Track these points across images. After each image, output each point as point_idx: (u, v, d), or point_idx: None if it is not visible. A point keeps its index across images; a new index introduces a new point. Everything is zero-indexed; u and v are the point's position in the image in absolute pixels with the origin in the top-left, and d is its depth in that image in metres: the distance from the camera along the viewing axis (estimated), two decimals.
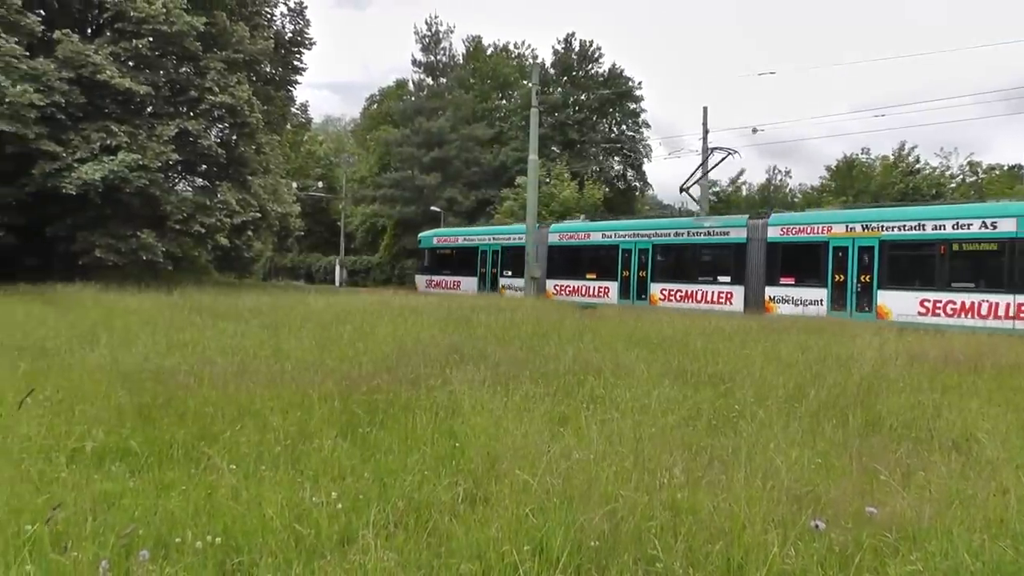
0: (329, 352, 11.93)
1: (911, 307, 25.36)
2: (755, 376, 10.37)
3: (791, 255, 29.33)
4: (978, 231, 24.51)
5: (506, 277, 41.05)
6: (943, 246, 25.18)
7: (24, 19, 30.00)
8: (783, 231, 29.67)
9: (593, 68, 70.95)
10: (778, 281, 29.37)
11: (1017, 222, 23.67)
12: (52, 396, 7.78)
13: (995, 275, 24.08)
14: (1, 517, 4.55)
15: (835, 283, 27.70)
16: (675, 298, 32.63)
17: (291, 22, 42.76)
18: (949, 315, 24.44)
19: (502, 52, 79.90)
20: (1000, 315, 23.44)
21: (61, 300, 21.87)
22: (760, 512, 4.73)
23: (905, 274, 26.41)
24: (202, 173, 39.44)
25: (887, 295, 26.24)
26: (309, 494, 5.10)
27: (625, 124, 72.17)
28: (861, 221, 27.70)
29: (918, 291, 25.50)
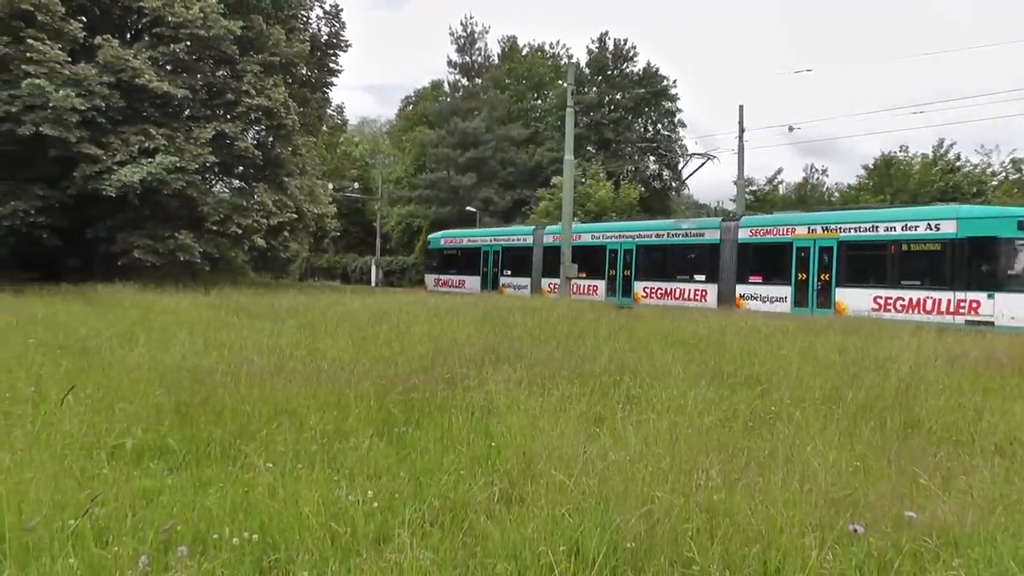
0: (365, 352, 11.97)
1: (865, 304, 26.95)
2: (792, 377, 10.25)
3: (759, 255, 31.25)
4: (924, 232, 26.26)
5: (506, 276, 43.09)
6: (893, 246, 26.95)
7: (67, 26, 30.48)
8: (752, 232, 31.66)
9: (628, 67, 70.58)
10: (747, 280, 31.27)
11: (958, 224, 25.34)
12: (93, 394, 7.88)
13: (938, 273, 25.73)
14: (46, 511, 4.62)
15: (798, 281, 29.46)
16: (656, 295, 34.66)
17: (327, 24, 43.02)
18: (899, 311, 26.11)
19: (537, 52, 79.80)
20: (943, 311, 25.13)
21: (101, 300, 22.13)
22: (797, 515, 4.68)
23: (860, 273, 28.09)
24: (239, 175, 39.81)
25: (844, 292, 27.96)
26: (345, 492, 5.13)
27: (661, 123, 71.73)
28: (821, 223, 29.56)
29: (871, 288, 27.25)
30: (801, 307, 28.82)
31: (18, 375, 8.94)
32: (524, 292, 39.92)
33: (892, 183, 48.92)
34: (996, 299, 24.11)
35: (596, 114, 68.11)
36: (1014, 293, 23.79)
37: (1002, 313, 23.90)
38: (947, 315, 24.86)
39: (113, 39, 31.53)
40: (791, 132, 51.97)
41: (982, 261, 24.83)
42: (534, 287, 40.83)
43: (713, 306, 30.89)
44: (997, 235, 24.55)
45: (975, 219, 25.46)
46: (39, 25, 29.67)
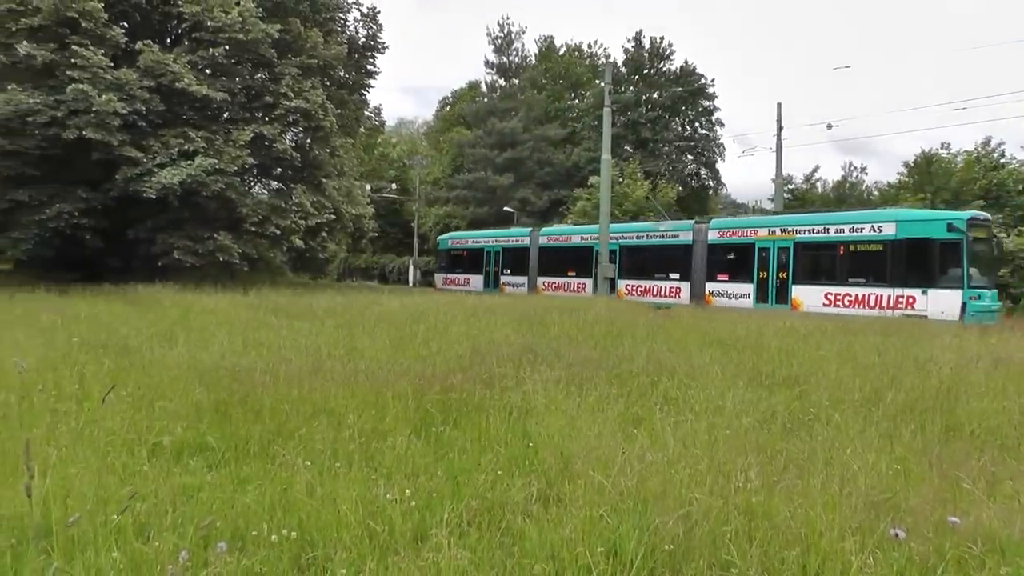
0: (403, 351, 12.01)
1: (818, 299, 29.66)
2: (830, 378, 10.14)
3: (726, 255, 34.29)
4: (867, 234, 29.13)
5: (506, 275, 46.37)
6: (842, 247, 29.83)
7: (109, 32, 30.96)
8: (720, 234, 34.77)
9: (665, 65, 70.21)
10: (716, 278, 34.34)
11: (896, 226, 28.27)
12: (134, 392, 7.99)
13: (880, 271, 28.51)
14: (89, 506, 4.69)
15: (760, 279, 32.38)
16: (636, 292, 37.68)
17: (364, 27, 43.13)
18: (847, 306, 28.76)
19: (574, 52, 79.69)
20: (884, 306, 27.64)
21: (142, 300, 22.39)
22: (837, 518, 4.63)
23: (813, 271, 30.95)
24: (277, 176, 40.08)
25: (800, 289, 30.73)
26: (383, 491, 5.15)
27: (698, 122, 71.32)
28: (780, 225, 32.54)
29: (823, 285, 30.03)
30: (762, 303, 31.58)
31: (63, 373, 9.08)
32: (522, 290, 43.10)
33: (933, 181, 48.19)
34: (929, 295, 26.77)
35: (633, 113, 67.82)
36: (944, 289, 26.44)
37: (934, 307, 26.38)
38: (887, 310, 27.23)
39: (153, 44, 31.94)
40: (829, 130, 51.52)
41: (917, 260, 27.43)
42: (530, 286, 43.79)
43: (686, 302, 33.79)
44: (930, 236, 27.23)
45: (911, 222, 28.36)
46: (83, 31, 30.19)
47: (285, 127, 36.21)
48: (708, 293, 34.27)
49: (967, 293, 25.99)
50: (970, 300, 25.98)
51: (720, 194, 77.86)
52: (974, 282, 26.47)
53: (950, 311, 25.69)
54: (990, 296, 26.84)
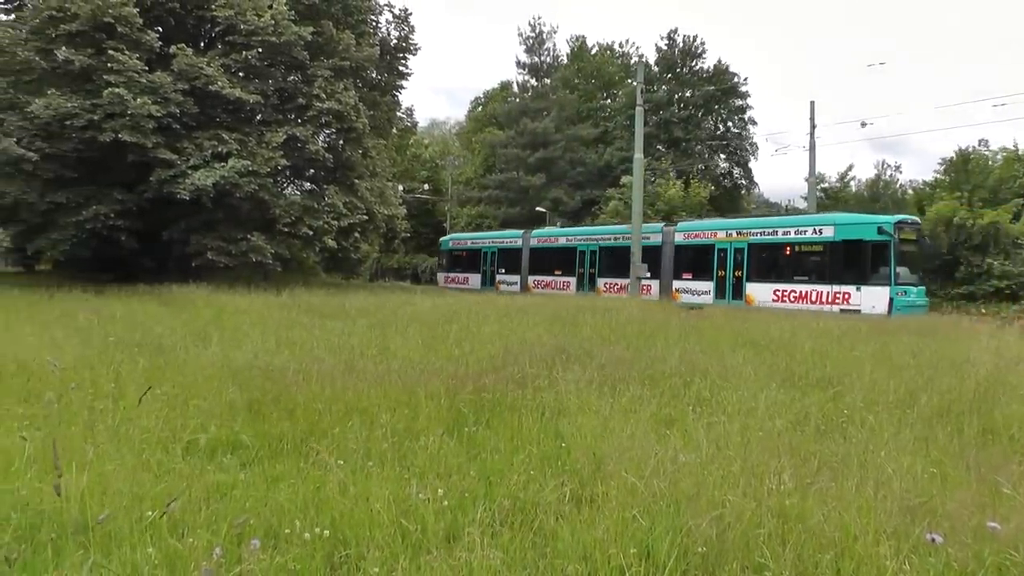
0: (435, 351, 12.05)
1: (768, 295, 32.63)
2: (864, 380, 10.04)
3: (689, 255, 37.37)
4: (810, 236, 32.18)
5: (501, 274, 49.43)
6: (788, 248, 32.99)
7: (144, 36, 31.33)
8: (685, 236, 37.96)
9: (697, 64, 69.77)
10: (681, 276, 37.47)
11: (835, 229, 31.35)
12: (168, 391, 8.08)
13: (821, 270, 31.46)
14: (125, 503, 4.75)
15: (718, 277, 35.47)
16: (613, 290, 40.27)
17: (396, 28, 43.19)
18: (792, 302, 31.58)
19: (606, 51, 79.55)
20: (824, 301, 30.48)
21: (176, 300, 22.62)
22: (872, 522, 4.59)
23: (764, 270, 33.93)
24: (310, 177, 40.30)
25: (752, 286, 33.76)
26: (415, 490, 5.16)
27: (731, 121, 70.89)
28: (736, 228, 35.81)
29: (772, 283, 32.99)
30: (720, 299, 34.51)
31: (99, 372, 9.22)
32: (515, 288, 45.93)
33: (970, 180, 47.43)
34: (862, 291, 29.62)
35: (666, 112, 67.52)
36: (875, 286, 29.32)
37: (866, 303, 29.27)
38: (827, 305, 30.09)
39: (187, 48, 32.22)
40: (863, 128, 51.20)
41: (851, 260, 30.40)
42: (522, 284, 46.88)
43: (656, 298, 36.23)
44: (863, 238, 30.17)
45: (847, 225, 31.32)
46: (119, 36, 30.56)
47: (318, 128, 36.38)
48: (675, 290, 37.31)
49: (894, 289, 29.05)
50: (897, 296, 28.91)
51: (753, 193, 77.31)
52: (901, 279, 29.58)
53: (880, 306, 28.67)
54: (916, 292, 29.94)
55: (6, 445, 6.07)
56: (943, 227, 38.68)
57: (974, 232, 37.82)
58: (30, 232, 34.75)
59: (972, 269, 37.84)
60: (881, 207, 51.33)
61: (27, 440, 5.85)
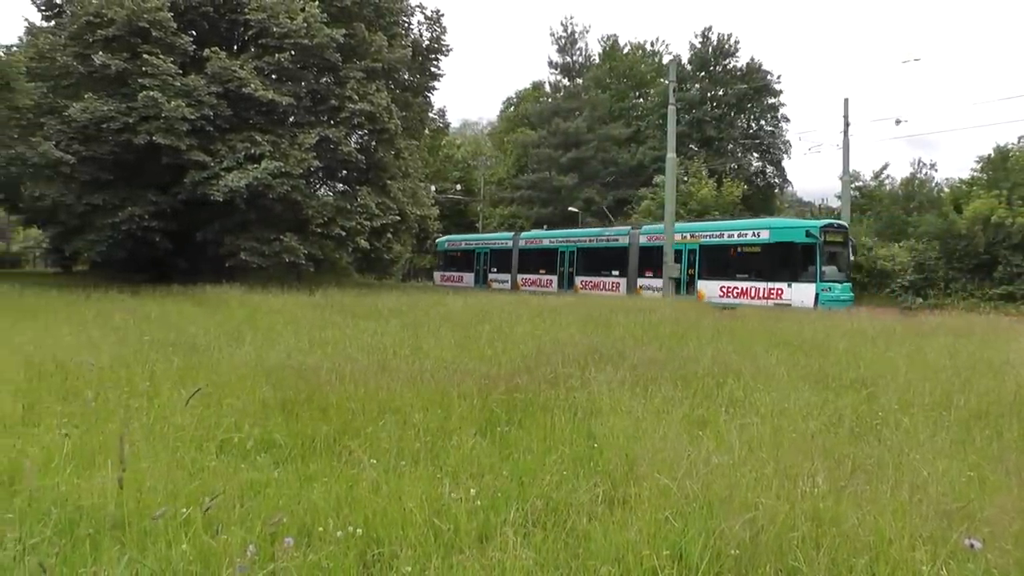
0: (468, 351, 12.06)
1: (715, 291, 36.07)
2: (899, 381, 9.90)
3: (651, 255, 40.14)
4: (750, 238, 35.65)
5: (493, 273, 52.82)
6: (732, 249, 36.75)
7: (178, 40, 31.82)
8: (648, 238, 41.41)
9: (730, 62, 69.37)
10: (644, 274, 40.91)
11: (770, 232, 34.95)
12: (203, 390, 8.14)
13: (758, 269, 34.73)
14: (160, 500, 4.80)
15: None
16: (588, 287, 43.96)
17: (428, 30, 43.37)
18: (735, 297, 34.76)
19: (638, 50, 79.29)
20: (761, 297, 33.84)
21: (209, 300, 22.82)
22: (907, 526, 4.52)
23: (712, 268, 37.37)
24: (342, 178, 40.57)
25: (703, 283, 37.36)
26: (448, 490, 5.17)
27: (764, 119, 70.41)
28: (689, 231, 39.13)
29: (719, 280, 36.51)
30: (676, 294, 36.44)
31: (135, 371, 9.33)
32: (506, 286, 49.37)
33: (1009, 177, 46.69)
34: (792, 287, 32.99)
35: (698, 111, 67.18)
36: (803, 283, 32.66)
37: (796, 297, 32.50)
38: (763, 300, 33.43)
39: (221, 51, 32.60)
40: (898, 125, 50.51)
41: (783, 260, 33.84)
42: (512, 282, 50.21)
43: (623, 294, 39.71)
44: (793, 241, 33.63)
45: (781, 228, 35.16)
46: (154, 41, 31.06)
47: (350, 130, 36.61)
48: (639, 287, 40.77)
49: (820, 286, 32.32)
50: (822, 291, 32.16)
51: (786, 192, 76.74)
52: (827, 277, 32.82)
53: (807, 300, 31.93)
54: (840, 288, 33.09)
55: (46, 442, 6.17)
56: (981, 226, 38.19)
57: (1013, 231, 37.33)
58: (68, 233, 35.45)
59: (1011, 269, 37.37)
60: (916, 206, 50.75)
61: (68, 437, 5.96)
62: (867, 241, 42.73)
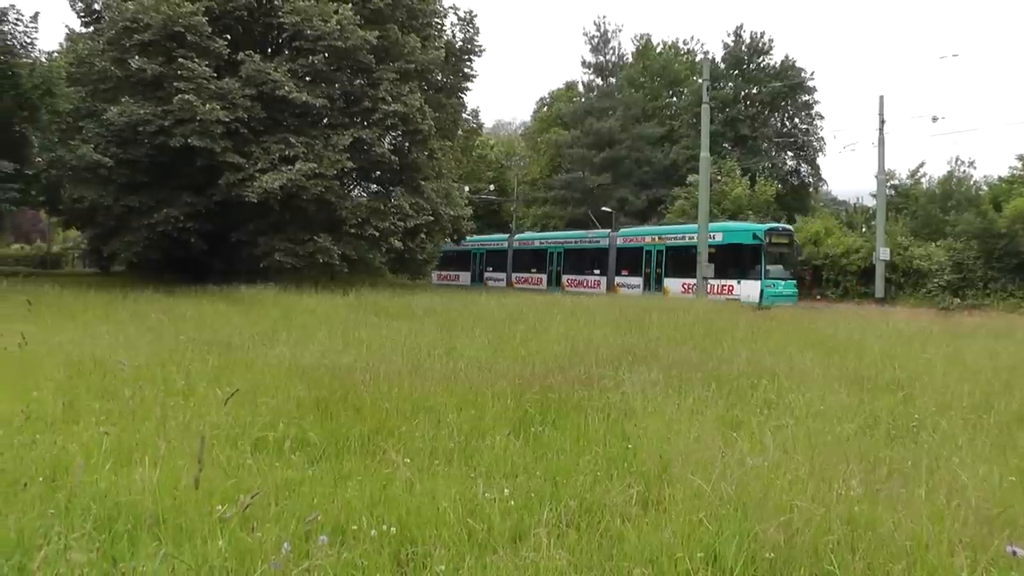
0: (502, 351, 12.10)
1: (678, 288, 39.68)
2: (936, 383, 9.78)
3: (627, 256, 44.78)
4: (710, 240, 37.61)
5: (489, 272, 56.26)
6: (693, 250, 38.47)
7: (213, 44, 32.10)
8: (624, 240, 45.64)
9: (764, 60, 68.67)
10: (621, 273, 44.79)
11: (723, 235, 38.81)
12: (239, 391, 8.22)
13: (719, 267, 37.17)
14: (196, 497, 4.85)
15: (645, 274, 43.13)
16: (573, 285, 47.16)
17: (461, 31, 43.35)
18: (695, 293, 36.60)
19: (671, 49, 78.86)
20: (715, 292, 36.78)
21: (244, 300, 23.02)
22: (945, 532, 4.46)
23: (676, 267, 41.13)
24: (376, 179, 40.71)
25: (668, 280, 41.22)
26: (482, 490, 5.19)
27: (798, 117, 69.77)
28: (657, 234, 44.15)
29: (681, 278, 40.05)
30: (647, 291, 41.54)
31: (170, 369, 9.44)
32: (501, 284, 52.49)
33: None
34: (741, 283, 37.02)
35: (732, 110, 66.67)
36: (750, 280, 36.63)
37: (743, 293, 36.15)
38: (720, 295, 36.40)
39: (255, 54, 32.88)
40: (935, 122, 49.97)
41: (733, 259, 38.03)
42: (508, 281, 53.53)
43: (603, 292, 43.43)
44: (742, 242, 37.86)
45: (731, 231, 39.42)
46: (189, 45, 31.40)
47: (384, 131, 36.67)
48: (616, 285, 44.48)
49: (764, 283, 36.17)
50: (767, 288, 35.87)
51: (820, 191, 75.96)
52: (771, 275, 36.78)
53: (753, 295, 35.29)
54: (784, 285, 36.85)
55: (85, 439, 6.25)
56: (1021, 224, 37.56)
57: None
58: (105, 235, 36.03)
59: None
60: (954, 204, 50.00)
61: (107, 435, 6.04)
62: (903, 240, 42.15)
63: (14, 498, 4.77)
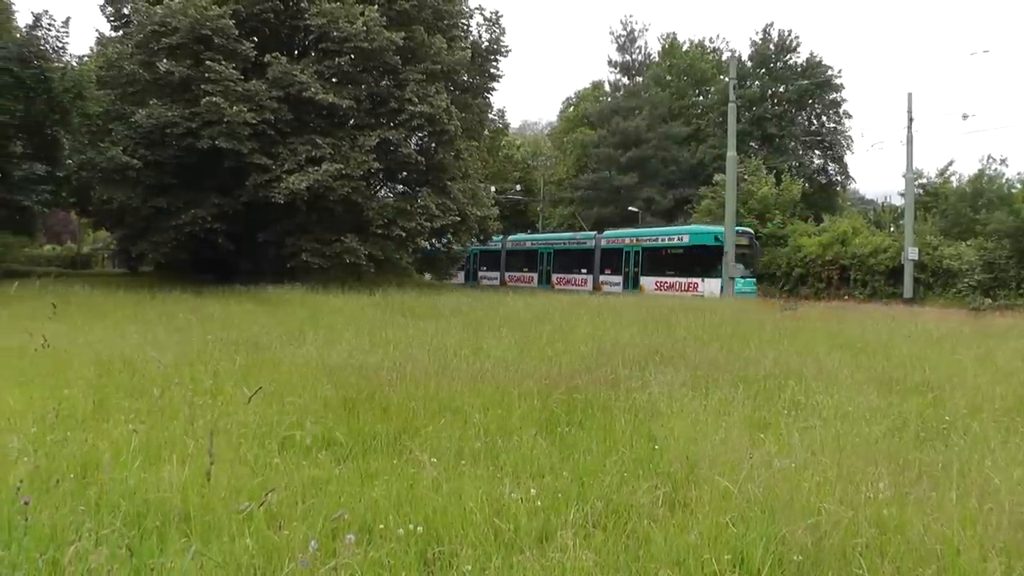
0: (528, 351, 12.09)
1: (652, 285, 43.06)
2: (967, 385, 9.66)
3: (609, 256, 48.25)
4: (676, 242, 43.53)
5: (483, 271, 59.23)
6: (664, 251, 44.44)
7: (240, 47, 32.28)
8: (607, 242, 48.97)
9: (791, 58, 68.12)
10: (605, 272, 48.20)
11: (689, 237, 42.89)
12: (264, 388, 8.27)
13: (682, 267, 42.27)
14: (224, 495, 4.89)
15: (624, 273, 46.33)
16: (562, 283, 50.36)
17: (487, 31, 43.34)
18: (665, 290, 41.50)
19: (697, 47, 78.52)
20: (682, 289, 40.60)
21: (271, 300, 23.17)
22: (977, 536, 4.41)
23: (652, 267, 44.57)
24: (403, 180, 40.82)
25: (643, 279, 44.36)
26: (508, 490, 5.19)
27: (825, 115, 69.20)
28: (635, 236, 47.47)
29: (655, 276, 43.70)
30: (626, 289, 44.43)
31: (198, 369, 9.51)
32: (495, 282, 55.39)
33: None
34: (704, 281, 40.16)
35: (759, 108, 66.24)
36: (712, 278, 39.67)
37: (707, 289, 39.40)
38: (687, 292, 39.96)
39: (282, 56, 32.99)
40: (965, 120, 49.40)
41: (698, 259, 41.47)
42: (501, 280, 56.09)
43: (589, 289, 46.20)
44: (706, 244, 40.90)
45: (696, 234, 42.86)
46: (216, 47, 31.63)
47: (410, 132, 36.74)
48: (601, 283, 47.65)
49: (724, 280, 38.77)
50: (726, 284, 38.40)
51: (848, 190, 75.34)
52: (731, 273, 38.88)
53: (715, 291, 38.37)
54: (743, 282, 39.69)
55: (115, 437, 6.32)
56: None
57: None
58: (134, 235, 36.43)
59: None
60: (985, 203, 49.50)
61: (135, 433, 6.09)
62: (932, 240, 41.68)
63: (47, 494, 4.82)
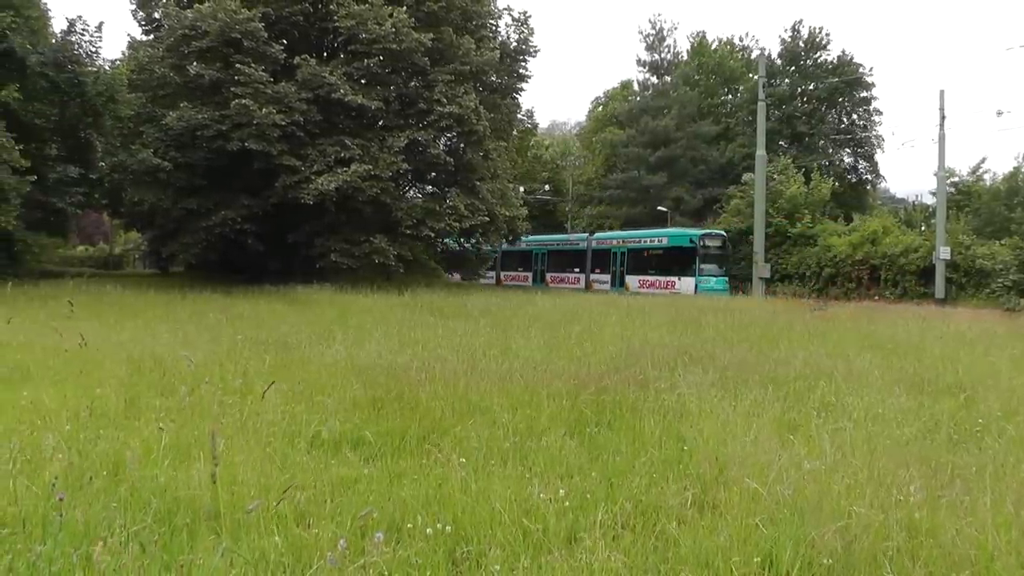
0: (557, 352, 12.10)
1: (636, 284, 45.61)
2: (1001, 387, 9.53)
3: (600, 256, 51.40)
4: (658, 244, 47.10)
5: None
6: (647, 252, 47.75)
7: (269, 49, 32.66)
8: (598, 243, 52.29)
9: (821, 56, 67.43)
10: (595, 271, 51.21)
11: (668, 239, 46.54)
12: (293, 387, 8.34)
13: (663, 266, 45.47)
14: (252, 493, 4.93)
15: (612, 272, 49.33)
16: (555, 282, 53.09)
17: (516, 32, 43.38)
18: (647, 288, 43.88)
19: (726, 46, 78.05)
20: (661, 287, 43.41)
21: (301, 300, 23.34)
22: (1011, 541, 4.34)
23: (636, 266, 47.77)
24: (431, 180, 40.98)
25: (629, 278, 47.23)
26: (537, 490, 5.19)
27: (856, 113, 68.52)
28: (622, 238, 50.90)
29: (639, 275, 46.64)
30: (613, 287, 47.06)
31: (228, 368, 9.60)
32: (491, 282, 56.28)
33: None
34: (681, 280, 43.07)
35: (788, 107, 65.71)
36: (687, 276, 42.88)
37: (683, 287, 42.18)
38: (665, 289, 42.84)
39: (311, 58, 33.34)
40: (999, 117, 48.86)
41: (675, 260, 44.70)
42: (497, 279, 58.08)
43: (582, 287, 49.31)
44: (683, 245, 44.29)
45: (675, 236, 46.41)
46: (246, 50, 32.00)
47: (439, 132, 36.90)
48: (592, 282, 50.53)
49: (699, 279, 42.37)
50: (700, 283, 41.97)
51: (878, 189, 74.61)
52: (704, 272, 43.03)
53: (690, 289, 41.46)
54: (716, 281, 42.71)
55: (145, 435, 6.39)
56: None
57: None
58: (164, 236, 36.89)
59: None
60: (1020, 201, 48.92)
61: (164, 431, 6.16)
62: (965, 239, 41.12)
63: (80, 491, 4.87)
